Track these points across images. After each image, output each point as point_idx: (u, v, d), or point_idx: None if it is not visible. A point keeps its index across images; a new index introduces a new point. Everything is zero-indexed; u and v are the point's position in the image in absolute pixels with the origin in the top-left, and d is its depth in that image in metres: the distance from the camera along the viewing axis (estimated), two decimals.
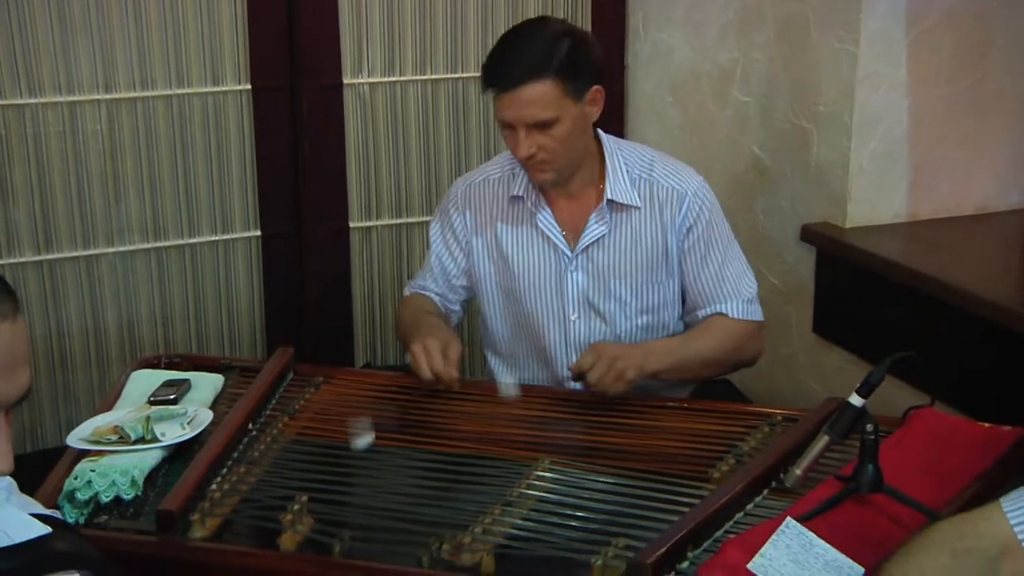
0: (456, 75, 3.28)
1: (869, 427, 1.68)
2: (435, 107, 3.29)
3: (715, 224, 2.29)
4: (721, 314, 2.29)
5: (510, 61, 2.13)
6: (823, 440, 1.75)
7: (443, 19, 3.23)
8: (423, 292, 2.45)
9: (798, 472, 1.76)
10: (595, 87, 2.18)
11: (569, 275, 2.30)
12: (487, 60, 2.19)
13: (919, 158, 2.73)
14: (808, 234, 2.79)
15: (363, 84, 3.20)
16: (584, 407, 2.12)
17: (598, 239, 2.28)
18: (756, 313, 2.33)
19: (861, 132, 2.67)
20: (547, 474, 1.87)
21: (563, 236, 2.30)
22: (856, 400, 1.72)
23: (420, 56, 3.24)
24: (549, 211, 2.30)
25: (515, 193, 2.31)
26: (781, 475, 1.82)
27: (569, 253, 2.29)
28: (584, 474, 1.87)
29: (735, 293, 2.30)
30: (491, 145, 3.35)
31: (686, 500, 1.77)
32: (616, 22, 3.42)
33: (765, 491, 1.80)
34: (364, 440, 1.98)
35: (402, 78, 3.24)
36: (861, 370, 2.54)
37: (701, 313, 2.32)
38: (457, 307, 2.46)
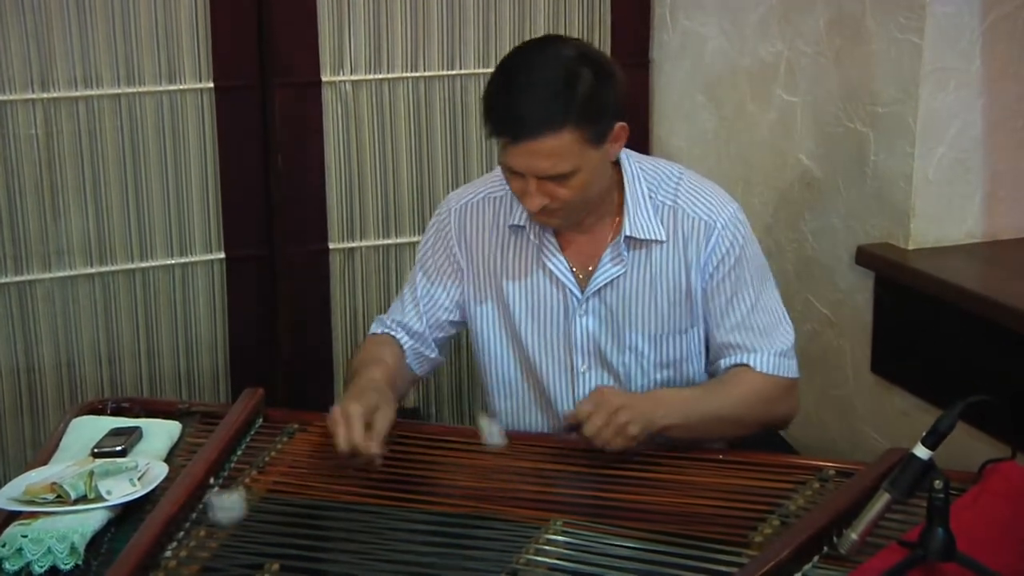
0: (453, 72, 3.30)
1: (938, 484, 1.67)
2: (429, 109, 3.31)
3: (746, 261, 2.28)
4: (746, 366, 2.28)
5: (521, 107, 2.06)
6: (883, 499, 1.74)
7: (438, 6, 3.25)
8: (392, 333, 2.39)
9: (854, 536, 1.76)
10: (619, 125, 2.15)
11: (577, 319, 2.29)
12: (489, 98, 2.13)
13: (996, 166, 2.74)
14: (865, 257, 2.80)
15: (344, 82, 3.22)
16: (602, 459, 2.12)
17: (612, 280, 2.27)
18: (790, 369, 2.31)
19: (927, 137, 2.67)
20: (560, 538, 1.87)
21: (572, 274, 2.29)
22: (922, 452, 1.71)
23: (411, 50, 3.26)
24: (556, 243, 2.28)
25: (515, 222, 2.29)
26: (834, 540, 1.81)
27: (579, 295, 2.28)
28: (603, 538, 1.87)
29: (765, 343, 2.28)
30: (493, 153, 3.35)
31: (722, 569, 1.77)
32: (639, 9, 3.44)
33: (815, 558, 1.80)
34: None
35: (390, 75, 3.26)
36: (928, 416, 2.54)
37: (724, 363, 2.31)
38: (435, 353, 2.42)
